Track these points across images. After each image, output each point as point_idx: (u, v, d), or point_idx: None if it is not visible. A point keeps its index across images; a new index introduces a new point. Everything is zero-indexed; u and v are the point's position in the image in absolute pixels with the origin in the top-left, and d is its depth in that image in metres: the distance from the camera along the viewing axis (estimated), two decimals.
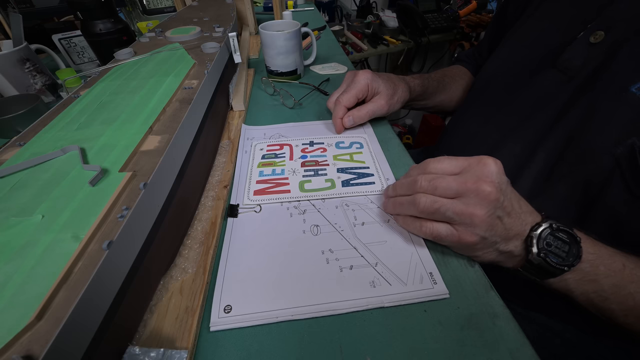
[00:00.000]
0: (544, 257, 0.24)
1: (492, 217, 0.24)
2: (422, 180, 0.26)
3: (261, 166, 0.38)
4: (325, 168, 0.37)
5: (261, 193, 0.34)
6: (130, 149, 0.25)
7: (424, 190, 0.26)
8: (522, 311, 0.35)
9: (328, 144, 0.41)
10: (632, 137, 0.28)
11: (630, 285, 0.25)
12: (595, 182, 0.30)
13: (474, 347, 0.22)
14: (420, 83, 0.50)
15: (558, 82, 0.36)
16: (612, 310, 0.25)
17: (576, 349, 0.34)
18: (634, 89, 0.29)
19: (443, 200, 0.25)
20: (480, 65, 0.53)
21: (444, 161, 0.27)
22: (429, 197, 0.25)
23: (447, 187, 0.25)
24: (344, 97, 0.41)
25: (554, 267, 0.24)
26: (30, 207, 0.20)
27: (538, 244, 0.24)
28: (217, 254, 0.28)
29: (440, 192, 0.25)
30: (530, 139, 0.36)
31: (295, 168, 0.38)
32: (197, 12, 0.65)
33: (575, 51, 0.35)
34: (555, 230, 0.24)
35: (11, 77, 0.54)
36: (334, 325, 0.23)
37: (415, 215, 0.27)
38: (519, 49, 0.43)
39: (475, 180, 0.24)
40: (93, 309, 0.17)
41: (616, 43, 0.31)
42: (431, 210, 0.25)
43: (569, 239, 0.24)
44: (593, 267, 0.25)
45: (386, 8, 1.52)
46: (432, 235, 0.26)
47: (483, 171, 0.24)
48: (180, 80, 0.35)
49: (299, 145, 0.41)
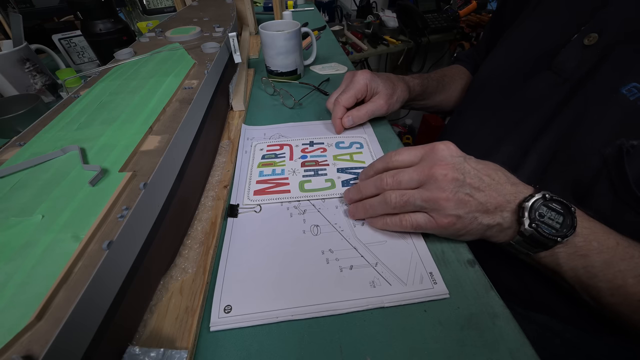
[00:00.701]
0: (536, 228, 0.24)
1: (458, 195, 0.25)
2: (387, 177, 0.28)
3: (261, 166, 0.38)
4: (325, 168, 0.37)
5: (261, 193, 0.34)
6: (130, 149, 0.25)
7: (390, 186, 0.28)
8: (522, 311, 0.35)
9: (328, 144, 0.41)
10: (620, 138, 0.28)
11: (621, 262, 0.24)
12: (583, 182, 0.30)
13: (474, 347, 0.22)
14: (420, 83, 0.50)
15: (552, 83, 0.36)
16: (599, 288, 0.25)
17: (576, 349, 0.34)
18: (624, 90, 0.29)
19: (410, 192, 0.27)
20: (478, 65, 0.53)
21: (403, 153, 0.29)
22: (397, 192, 0.27)
23: (410, 179, 0.27)
24: (342, 97, 0.42)
25: (547, 238, 0.24)
26: (30, 207, 0.20)
27: (530, 214, 0.24)
28: (217, 254, 0.28)
29: (405, 185, 0.27)
30: (525, 140, 0.36)
31: (295, 168, 0.37)
32: (197, 12, 0.65)
33: (569, 53, 0.35)
34: (548, 200, 0.25)
35: (11, 77, 0.54)
36: (334, 325, 0.23)
37: (389, 213, 0.28)
38: (515, 51, 0.43)
39: (430, 166, 0.26)
40: (93, 309, 0.17)
41: (609, 45, 0.32)
42: (401, 203, 0.27)
43: (564, 209, 0.25)
44: (586, 242, 0.25)
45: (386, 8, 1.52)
46: (413, 226, 0.27)
47: (436, 156, 0.27)
48: (180, 80, 0.35)
49: (299, 145, 0.41)
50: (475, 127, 0.44)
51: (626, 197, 0.27)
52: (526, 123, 0.37)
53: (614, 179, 0.28)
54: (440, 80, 0.54)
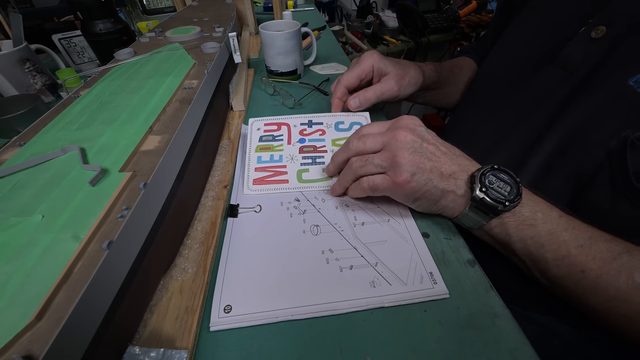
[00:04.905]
0: (486, 191, 0.25)
1: (415, 155, 0.27)
2: (353, 140, 0.31)
3: (259, 150, 0.38)
4: (323, 155, 0.37)
5: (260, 182, 0.35)
6: (130, 149, 0.25)
7: (355, 148, 0.30)
8: (522, 311, 0.35)
9: (327, 125, 0.40)
10: (626, 130, 0.28)
11: (564, 233, 0.25)
12: (585, 174, 0.30)
13: (474, 347, 0.22)
14: (434, 69, 0.48)
15: (559, 77, 0.36)
16: (546, 260, 0.25)
17: (576, 349, 0.33)
18: (632, 82, 0.29)
19: (371, 155, 0.29)
20: (483, 57, 0.53)
21: (373, 125, 0.32)
22: (359, 158, 0.30)
23: (374, 141, 0.29)
24: (344, 76, 0.41)
25: (496, 201, 0.25)
26: (30, 207, 0.20)
27: (481, 180, 0.26)
28: (217, 254, 0.28)
29: (369, 147, 0.29)
30: (531, 135, 0.36)
31: (294, 154, 0.37)
32: (197, 12, 0.65)
33: (576, 46, 0.34)
34: (496, 170, 0.27)
35: (11, 77, 0.54)
36: (334, 325, 0.23)
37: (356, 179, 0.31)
38: (520, 45, 0.42)
39: (393, 130, 0.29)
40: (93, 309, 0.17)
41: (616, 38, 0.31)
42: (362, 164, 0.29)
43: (510, 180, 0.27)
44: (532, 213, 0.26)
45: (386, 8, 1.52)
46: (371, 187, 0.29)
47: (401, 123, 0.29)
48: (180, 80, 0.35)
49: (297, 125, 0.40)
50: (477, 123, 0.44)
51: (623, 188, 0.27)
52: (532, 117, 0.37)
53: (614, 171, 0.28)
54: (451, 70, 0.54)
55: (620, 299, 0.23)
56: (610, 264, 0.23)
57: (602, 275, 0.23)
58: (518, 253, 0.27)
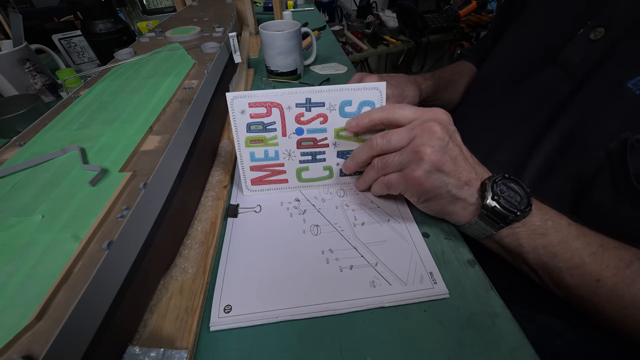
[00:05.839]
0: (497, 200, 0.25)
1: (438, 154, 0.26)
2: (377, 138, 0.29)
3: (250, 144, 0.32)
4: (324, 150, 0.33)
5: (259, 182, 0.34)
6: (130, 149, 0.25)
7: (380, 146, 0.29)
8: (522, 311, 0.35)
9: (330, 106, 0.31)
10: (626, 132, 0.28)
11: (576, 241, 0.25)
12: (586, 176, 0.31)
13: (474, 347, 0.22)
14: (432, 84, 0.49)
15: (558, 78, 0.36)
16: (560, 269, 0.25)
17: (576, 349, 0.33)
18: (630, 84, 0.29)
19: (392, 155, 0.28)
20: (483, 59, 0.53)
21: (405, 108, 0.29)
22: (382, 160, 0.29)
23: (400, 138, 0.27)
24: None
25: (508, 210, 0.25)
26: (30, 207, 0.20)
27: (492, 188, 0.26)
28: (217, 254, 0.28)
29: (394, 145, 0.28)
30: (531, 136, 0.36)
31: (291, 150, 0.33)
32: (197, 12, 0.65)
33: (575, 48, 0.35)
34: (507, 179, 0.26)
35: (11, 77, 0.54)
36: (334, 325, 0.23)
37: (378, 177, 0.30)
38: (520, 46, 0.43)
39: (423, 122, 0.27)
40: (93, 309, 0.17)
41: (615, 40, 0.32)
42: (383, 166, 0.29)
43: (520, 190, 0.26)
44: (542, 222, 0.26)
45: (386, 8, 1.52)
46: (386, 184, 0.29)
47: (435, 116, 0.28)
48: (180, 80, 0.35)
49: (292, 107, 0.31)
50: (477, 125, 0.44)
51: (624, 190, 0.27)
52: (531, 119, 0.37)
53: (615, 173, 0.28)
54: (451, 79, 0.54)
55: (637, 306, 0.23)
56: (624, 272, 0.23)
57: (617, 283, 0.23)
58: (530, 263, 0.27)
